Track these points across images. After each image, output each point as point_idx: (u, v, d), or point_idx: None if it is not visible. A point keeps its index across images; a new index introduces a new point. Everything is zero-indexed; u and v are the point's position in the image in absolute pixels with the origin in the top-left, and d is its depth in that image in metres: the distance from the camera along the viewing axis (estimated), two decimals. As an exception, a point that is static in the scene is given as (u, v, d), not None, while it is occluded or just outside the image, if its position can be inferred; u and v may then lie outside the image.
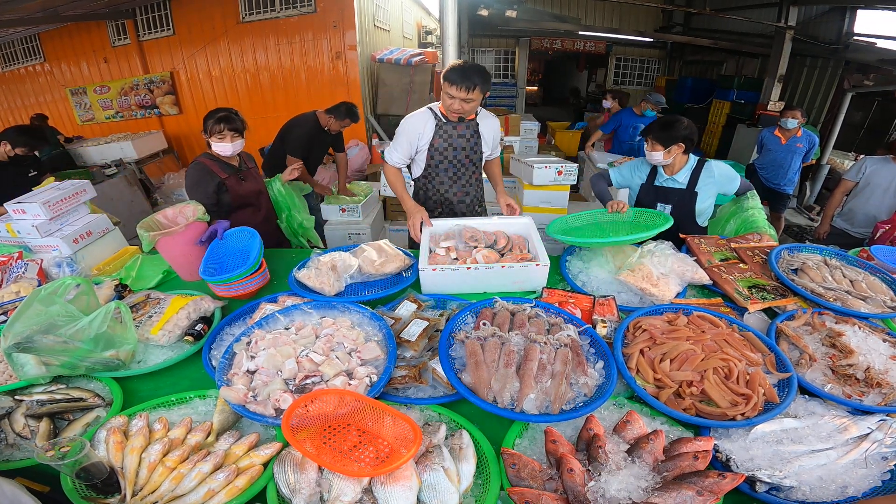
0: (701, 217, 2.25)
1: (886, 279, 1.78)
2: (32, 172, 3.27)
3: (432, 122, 2.15)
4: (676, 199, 2.22)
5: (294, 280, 1.76)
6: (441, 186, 2.33)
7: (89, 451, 0.96)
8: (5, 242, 2.12)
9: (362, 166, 6.67)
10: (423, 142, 2.18)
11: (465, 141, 2.21)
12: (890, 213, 2.89)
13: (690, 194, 2.19)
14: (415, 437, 1.00)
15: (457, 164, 2.28)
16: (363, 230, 3.69)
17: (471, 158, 2.29)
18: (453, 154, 2.23)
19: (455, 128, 2.17)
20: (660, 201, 2.26)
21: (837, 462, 1.04)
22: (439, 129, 2.16)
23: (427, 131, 2.16)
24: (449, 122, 2.15)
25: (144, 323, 1.55)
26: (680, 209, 2.21)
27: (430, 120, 2.15)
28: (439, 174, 2.29)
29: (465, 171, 2.32)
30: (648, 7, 8.95)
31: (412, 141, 2.18)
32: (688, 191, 2.19)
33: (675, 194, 2.21)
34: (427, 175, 2.32)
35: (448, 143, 2.19)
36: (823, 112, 6.31)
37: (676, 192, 2.21)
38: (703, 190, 2.17)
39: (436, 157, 2.23)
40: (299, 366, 1.23)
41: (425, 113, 2.17)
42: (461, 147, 2.22)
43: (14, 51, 7.92)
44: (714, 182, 2.16)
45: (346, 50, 6.60)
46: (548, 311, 1.54)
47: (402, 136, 2.19)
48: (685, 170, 2.18)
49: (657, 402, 1.19)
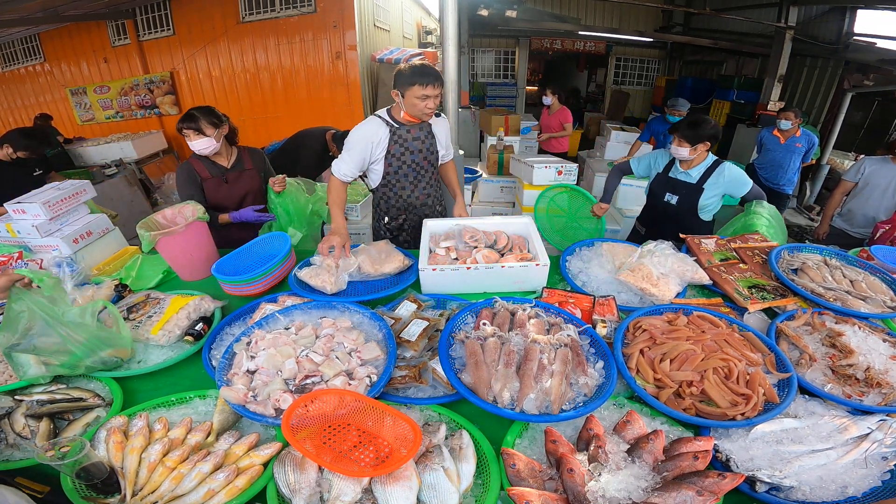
0: (703, 211, 2.35)
1: (886, 279, 1.78)
2: (37, 172, 3.27)
3: (385, 130, 2.10)
4: (684, 191, 2.34)
5: (294, 280, 1.77)
6: (403, 192, 2.29)
7: (89, 451, 0.96)
8: (5, 242, 2.12)
9: (362, 166, 6.66)
10: (378, 151, 2.13)
11: (420, 143, 2.18)
12: (889, 214, 2.89)
13: (697, 189, 2.30)
14: (415, 437, 1.00)
15: (416, 168, 2.24)
16: (363, 230, 3.69)
17: (428, 160, 2.26)
18: (411, 158, 2.19)
19: (409, 131, 2.13)
20: (668, 191, 2.40)
21: (837, 462, 1.04)
22: (394, 136, 2.11)
23: (381, 141, 2.10)
24: (403, 127, 2.11)
25: (144, 323, 1.55)
26: (684, 201, 2.35)
27: (383, 128, 2.10)
28: (400, 180, 2.25)
29: (426, 173, 2.29)
30: (648, 7, 8.95)
31: (365, 153, 2.12)
32: (696, 186, 2.31)
33: (684, 187, 2.34)
34: (387, 183, 2.27)
35: (405, 148, 2.15)
36: (823, 112, 6.31)
37: (685, 185, 2.33)
38: (710, 188, 2.28)
39: (394, 164, 2.18)
40: (299, 366, 1.23)
41: (374, 122, 2.10)
42: (418, 150, 2.18)
43: (14, 51, 7.92)
44: (723, 183, 2.26)
45: (346, 50, 6.60)
46: (548, 311, 1.54)
47: (355, 150, 2.10)
48: (700, 167, 2.29)
49: (657, 402, 1.19)
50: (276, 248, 1.94)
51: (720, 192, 2.30)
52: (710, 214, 2.40)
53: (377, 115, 2.13)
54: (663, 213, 2.45)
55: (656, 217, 2.53)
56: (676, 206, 2.37)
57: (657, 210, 2.50)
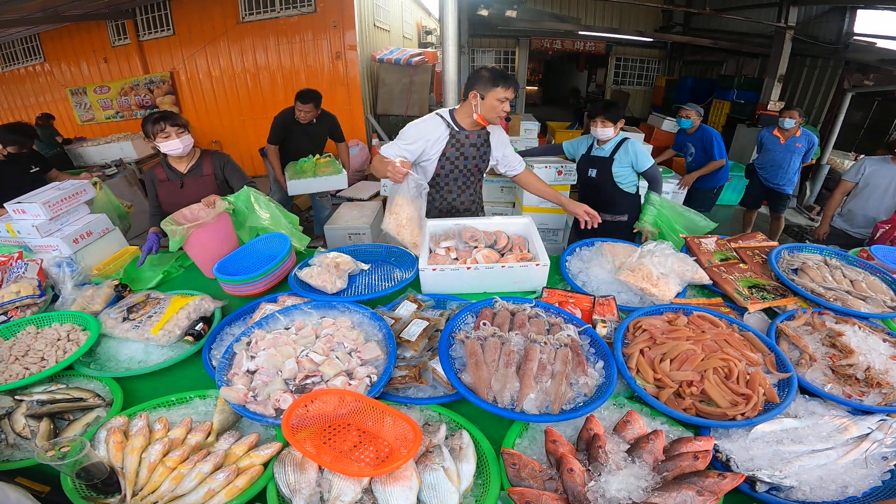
0: (619, 179, 2.75)
1: (886, 279, 1.78)
2: (34, 169, 3.25)
3: (445, 131, 2.09)
4: (600, 164, 2.79)
5: (294, 280, 1.77)
6: (449, 195, 2.27)
7: (89, 451, 0.96)
8: (5, 242, 2.12)
9: (362, 166, 6.67)
10: (434, 150, 2.11)
11: (475, 150, 2.16)
12: (889, 214, 2.89)
13: (609, 160, 2.74)
14: (415, 437, 1.00)
15: (466, 173, 2.23)
16: (363, 230, 3.70)
17: (479, 167, 2.25)
18: (464, 163, 2.18)
19: (467, 137, 2.12)
20: (590, 167, 2.84)
21: (837, 462, 1.04)
22: (452, 139, 2.10)
23: (439, 140, 2.09)
24: (462, 131, 2.10)
25: (144, 323, 1.55)
26: (601, 174, 2.80)
27: (444, 128, 2.09)
28: (448, 183, 2.23)
29: (474, 179, 2.29)
30: (648, 7, 8.95)
31: (416, 148, 2.09)
32: (609, 158, 2.75)
33: (600, 161, 2.79)
34: (435, 184, 2.24)
35: (460, 153, 2.14)
36: (823, 112, 6.31)
37: (601, 159, 2.78)
38: (618, 160, 2.73)
39: (446, 167, 2.17)
40: (299, 366, 1.23)
41: (436, 120, 2.10)
42: (472, 156, 2.17)
43: (14, 51, 7.93)
44: (627, 156, 2.70)
45: (346, 50, 6.60)
46: (548, 311, 1.54)
47: (416, 142, 2.07)
48: (612, 143, 2.74)
49: (657, 402, 1.19)
50: (276, 248, 1.94)
51: (628, 163, 2.71)
52: (633, 187, 2.80)
53: (439, 115, 2.11)
54: (587, 186, 2.90)
55: (584, 192, 2.96)
56: (596, 179, 2.81)
57: (584, 185, 2.96)
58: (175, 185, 2.27)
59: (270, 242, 2.01)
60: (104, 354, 1.53)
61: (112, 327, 1.55)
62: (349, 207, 4.13)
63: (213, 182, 2.35)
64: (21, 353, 1.44)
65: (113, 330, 1.55)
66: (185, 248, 1.89)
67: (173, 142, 2.13)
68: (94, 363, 1.48)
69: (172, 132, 2.12)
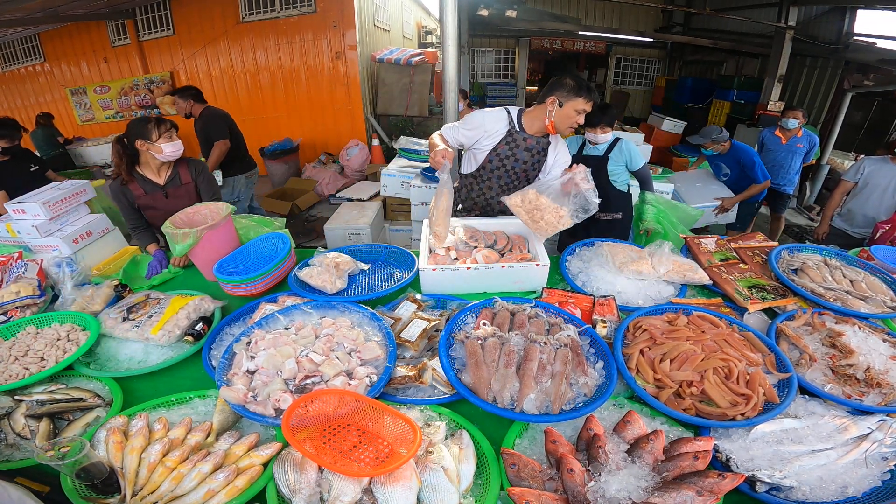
0: (614, 177, 2.80)
1: (886, 279, 1.78)
2: (33, 167, 3.25)
3: (505, 127, 2.05)
4: (594, 163, 2.68)
5: (294, 280, 1.77)
6: (489, 192, 2.22)
7: (89, 451, 0.96)
8: (5, 242, 2.12)
9: (362, 166, 6.67)
10: (488, 141, 2.07)
11: (529, 155, 2.10)
12: (889, 214, 2.89)
13: (604, 160, 2.77)
14: (415, 437, 1.00)
15: (512, 175, 2.16)
16: (363, 230, 3.69)
17: (528, 174, 2.18)
18: (512, 164, 2.11)
19: (525, 140, 2.06)
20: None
21: (837, 462, 1.04)
22: (508, 136, 2.05)
23: (496, 134, 2.05)
24: (521, 132, 2.06)
25: (144, 323, 1.55)
26: (597, 171, 2.59)
27: (504, 124, 2.05)
28: (491, 179, 2.18)
29: (519, 184, 2.20)
30: (648, 7, 8.95)
31: (480, 137, 2.06)
32: (603, 156, 2.78)
33: (594, 160, 2.76)
34: (478, 176, 2.20)
35: (512, 153, 2.09)
36: (823, 112, 6.31)
37: (595, 158, 2.78)
38: (613, 159, 2.77)
39: (494, 162, 2.11)
40: (299, 366, 1.23)
41: (501, 113, 2.06)
42: (523, 160, 2.11)
43: (14, 51, 7.93)
44: (622, 155, 2.75)
45: (346, 50, 6.60)
46: (548, 311, 1.54)
47: (475, 129, 2.05)
48: (606, 143, 2.76)
49: (657, 402, 1.19)
50: (276, 248, 1.94)
51: (623, 162, 2.77)
52: (625, 185, 2.87)
53: (507, 109, 2.08)
54: None
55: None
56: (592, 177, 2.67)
57: None
58: (158, 196, 2.18)
59: (270, 242, 2.01)
60: (104, 354, 1.53)
61: (112, 327, 1.55)
62: (349, 207, 4.13)
63: (193, 190, 2.28)
64: (21, 354, 1.44)
65: (113, 330, 1.54)
66: (193, 250, 1.86)
67: (176, 142, 2.09)
68: (94, 363, 1.48)
69: (173, 133, 2.09)
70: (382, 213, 4.24)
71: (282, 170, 6.76)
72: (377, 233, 3.90)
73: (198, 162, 2.33)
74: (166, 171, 2.21)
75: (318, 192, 6.31)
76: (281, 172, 6.77)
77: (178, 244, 1.78)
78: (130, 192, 2.15)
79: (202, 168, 2.32)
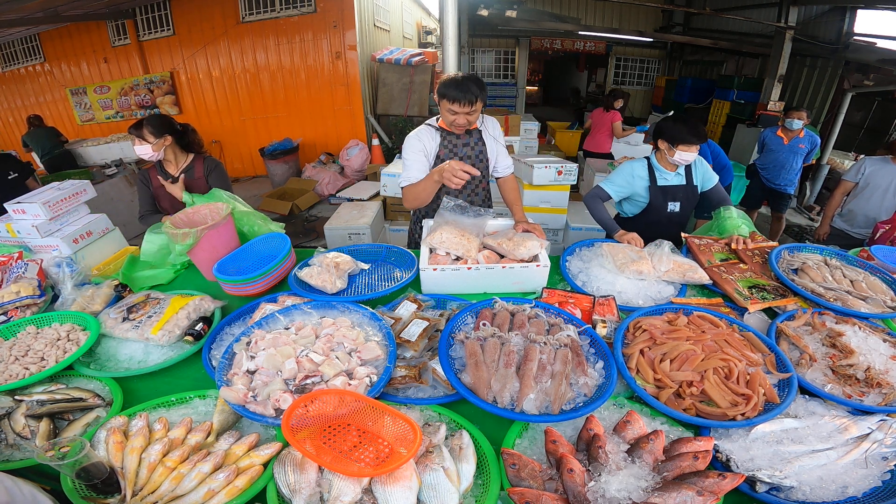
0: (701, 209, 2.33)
1: (886, 279, 1.78)
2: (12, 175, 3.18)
3: (437, 136, 2.12)
4: (682, 195, 2.25)
5: (294, 280, 1.77)
6: (452, 193, 2.23)
7: (89, 451, 0.96)
8: (5, 242, 2.12)
9: (362, 166, 6.68)
10: (430, 156, 2.13)
11: (469, 149, 2.17)
12: (890, 214, 2.89)
13: (692, 188, 2.26)
14: (415, 437, 1.00)
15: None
16: (363, 230, 3.69)
17: (476, 166, 2.23)
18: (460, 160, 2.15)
19: (459, 137, 2.14)
20: (669, 200, 2.26)
21: (837, 462, 1.04)
22: (444, 141, 2.12)
23: (433, 146, 2.11)
24: (452, 133, 2.12)
25: (144, 323, 1.55)
26: (686, 205, 2.28)
27: (434, 134, 2.12)
28: (443, 185, 2.17)
29: (472, 178, 2.24)
30: (648, 7, 8.96)
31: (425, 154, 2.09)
32: (689, 186, 2.25)
33: (680, 191, 2.25)
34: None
35: (453, 154, 2.15)
36: (823, 112, 6.31)
37: (681, 188, 2.25)
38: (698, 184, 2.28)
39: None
40: (299, 366, 1.23)
41: (426, 129, 2.13)
42: (467, 156, 2.17)
43: (14, 51, 7.93)
44: (701, 175, 2.27)
45: (346, 50, 6.60)
46: (548, 312, 1.54)
47: (415, 154, 2.08)
48: (679, 168, 2.24)
49: (657, 402, 1.19)
50: (276, 248, 1.94)
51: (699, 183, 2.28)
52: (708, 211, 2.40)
53: (428, 124, 2.14)
54: (665, 223, 2.29)
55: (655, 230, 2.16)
56: (680, 213, 2.26)
57: (654, 222, 2.30)
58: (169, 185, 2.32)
59: (270, 242, 2.01)
60: (104, 354, 1.53)
61: (112, 327, 1.55)
62: (349, 207, 4.13)
63: (204, 185, 2.39)
64: (21, 354, 1.44)
65: (113, 330, 1.54)
66: (192, 250, 1.86)
67: (145, 146, 2.20)
68: (94, 363, 1.48)
69: (134, 139, 2.21)
70: (382, 213, 4.24)
71: (282, 170, 6.77)
72: (377, 233, 3.90)
73: (212, 159, 2.46)
74: (179, 164, 2.38)
75: (318, 192, 6.32)
76: (281, 172, 6.78)
77: (179, 244, 1.78)
78: (150, 178, 2.37)
79: (215, 165, 2.44)
